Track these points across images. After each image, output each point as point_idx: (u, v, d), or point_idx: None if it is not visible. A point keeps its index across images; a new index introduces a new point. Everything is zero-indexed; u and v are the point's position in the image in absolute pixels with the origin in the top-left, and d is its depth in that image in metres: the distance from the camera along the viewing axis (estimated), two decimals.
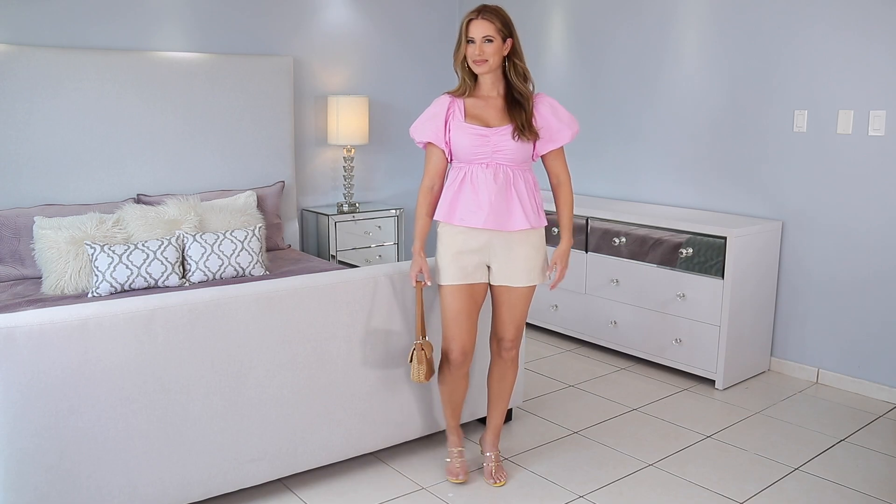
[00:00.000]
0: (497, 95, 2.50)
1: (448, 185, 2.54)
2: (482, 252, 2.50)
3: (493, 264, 2.53)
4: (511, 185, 2.47)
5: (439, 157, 2.54)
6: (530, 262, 2.53)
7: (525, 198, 2.48)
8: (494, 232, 2.47)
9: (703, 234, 3.59)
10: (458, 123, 2.47)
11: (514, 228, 2.47)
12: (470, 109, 2.49)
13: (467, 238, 2.48)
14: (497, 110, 2.48)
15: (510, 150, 2.44)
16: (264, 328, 2.40)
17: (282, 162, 4.45)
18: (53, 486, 2.10)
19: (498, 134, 2.44)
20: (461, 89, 2.50)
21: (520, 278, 2.53)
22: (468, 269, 2.50)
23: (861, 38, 3.37)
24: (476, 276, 2.52)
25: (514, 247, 2.50)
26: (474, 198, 2.45)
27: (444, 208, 2.51)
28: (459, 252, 2.49)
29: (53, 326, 2.05)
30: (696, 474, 2.76)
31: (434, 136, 2.51)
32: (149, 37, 4.04)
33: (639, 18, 4.28)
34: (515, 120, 2.44)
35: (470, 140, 2.44)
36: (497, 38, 2.41)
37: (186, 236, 3.48)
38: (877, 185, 3.39)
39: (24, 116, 3.62)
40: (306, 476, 2.68)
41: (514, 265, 2.51)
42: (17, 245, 3.51)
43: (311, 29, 4.64)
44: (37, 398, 2.04)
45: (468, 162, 2.48)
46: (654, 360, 3.87)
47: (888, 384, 3.46)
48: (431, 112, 2.53)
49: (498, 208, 2.44)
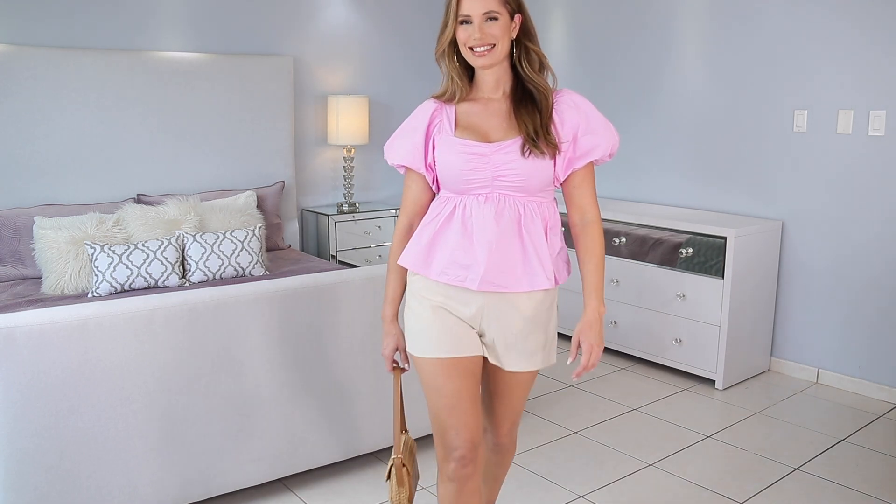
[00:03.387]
0: (502, 96, 1.78)
1: (428, 219, 1.79)
2: (472, 319, 1.77)
3: (486, 333, 1.78)
4: (520, 225, 1.72)
5: (421, 186, 1.83)
6: (537, 335, 1.79)
7: (541, 244, 1.73)
8: (492, 293, 1.74)
9: (703, 234, 3.59)
10: (445, 139, 1.76)
11: (525, 289, 1.73)
12: (463, 118, 1.77)
13: (452, 299, 1.76)
14: (501, 118, 1.76)
15: (519, 172, 1.70)
16: (264, 328, 2.40)
17: (282, 162, 4.45)
18: (53, 485, 2.10)
19: (501, 151, 1.71)
20: (449, 92, 1.79)
21: (521, 360, 1.78)
22: (457, 333, 1.76)
23: (861, 38, 3.37)
24: (469, 347, 1.77)
25: (514, 312, 1.75)
26: (465, 243, 1.72)
27: (418, 252, 1.77)
28: (442, 308, 1.76)
29: (53, 326, 2.05)
30: (696, 474, 2.76)
31: (412, 158, 1.81)
32: (149, 37, 4.04)
33: (639, 18, 4.28)
34: (526, 125, 1.71)
35: (462, 161, 1.72)
36: (503, 13, 1.69)
37: (186, 236, 3.48)
38: (877, 184, 3.39)
39: (24, 116, 3.62)
40: (306, 476, 2.68)
41: (514, 339, 1.77)
42: (18, 245, 3.51)
43: (311, 29, 4.64)
44: (37, 398, 2.04)
45: (460, 191, 1.75)
46: (654, 360, 3.87)
47: (888, 384, 3.46)
48: (410, 125, 1.84)
49: (501, 261, 1.71)
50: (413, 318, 1.80)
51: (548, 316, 1.80)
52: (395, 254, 1.85)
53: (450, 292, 1.75)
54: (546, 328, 1.81)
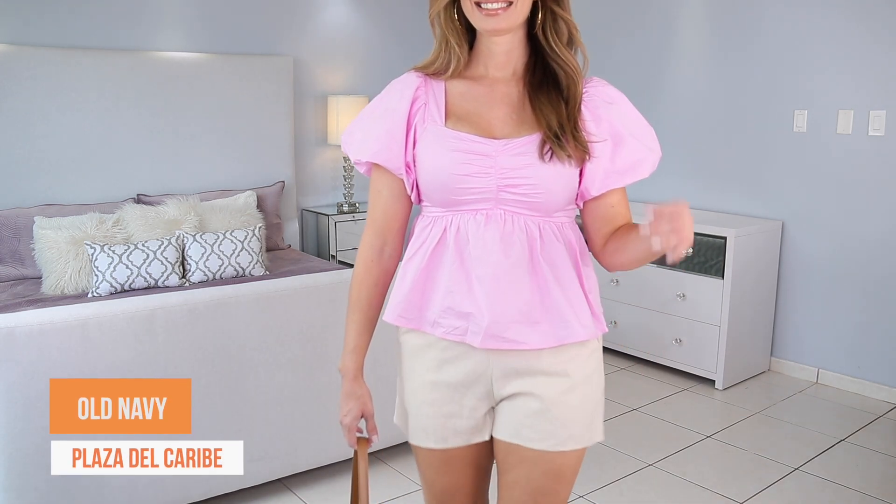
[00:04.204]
0: (511, 77, 1.31)
1: (411, 251, 1.33)
2: (482, 381, 1.31)
3: (503, 403, 1.32)
4: (535, 255, 1.26)
5: (395, 192, 1.34)
6: (574, 405, 1.30)
7: (569, 279, 1.28)
8: (505, 351, 1.28)
9: (703, 233, 3.59)
10: (431, 129, 1.28)
11: (549, 344, 1.26)
12: (456, 103, 1.30)
13: (453, 357, 1.31)
14: (510, 106, 1.29)
15: (536, 182, 1.24)
16: (264, 328, 2.40)
17: (282, 162, 4.45)
18: (54, 485, 2.10)
19: (511, 151, 1.24)
20: (441, 61, 1.32)
21: (556, 435, 1.29)
22: (454, 413, 1.32)
23: (861, 38, 3.37)
24: (471, 432, 1.34)
25: (540, 377, 1.29)
26: (460, 280, 1.26)
27: (404, 299, 1.32)
28: (441, 383, 1.32)
29: (53, 326, 2.05)
30: (696, 474, 2.76)
31: (385, 153, 1.31)
32: (149, 37, 4.04)
33: (639, 18, 4.28)
34: (548, 118, 1.26)
35: (455, 162, 1.25)
36: None
37: (186, 236, 3.48)
38: (877, 184, 3.39)
39: (24, 116, 3.62)
40: (306, 476, 2.68)
41: (544, 409, 1.28)
42: (18, 245, 3.51)
43: (311, 29, 4.64)
44: (37, 398, 2.04)
45: (450, 206, 1.27)
46: (653, 360, 3.87)
47: (888, 384, 3.46)
48: (382, 105, 1.35)
49: (511, 306, 1.25)
50: (407, 392, 1.37)
51: (589, 377, 1.32)
52: (359, 287, 1.38)
53: (447, 352, 1.30)
54: (588, 395, 1.32)
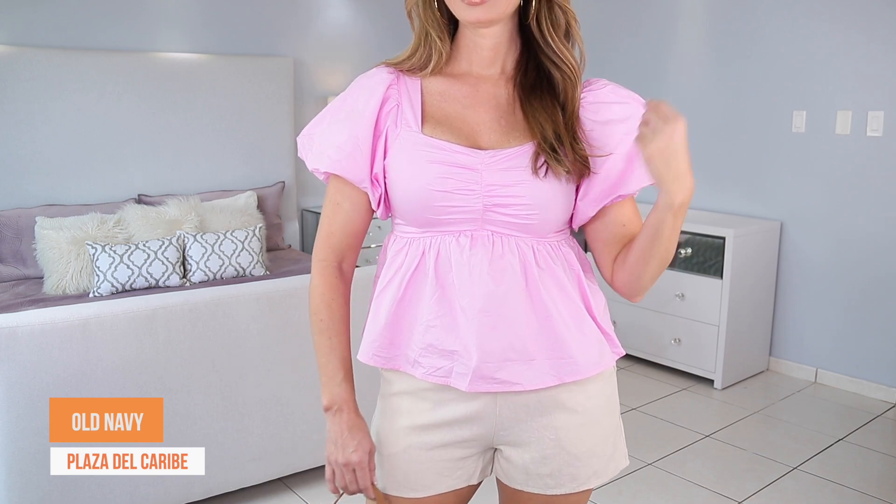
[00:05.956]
0: (499, 75, 1.15)
1: (384, 282, 1.19)
2: (479, 421, 1.14)
3: (506, 447, 1.17)
4: (528, 280, 1.10)
5: (357, 205, 1.16)
6: (596, 436, 1.17)
7: (571, 305, 1.12)
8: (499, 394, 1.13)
9: (702, 234, 3.60)
10: (406, 136, 1.10)
11: (550, 383, 1.11)
12: (434, 105, 1.13)
13: (449, 400, 1.15)
14: (497, 109, 1.12)
15: (529, 200, 1.08)
16: (264, 328, 2.41)
17: (282, 162, 4.46)
18: (55, 485, 2.11)
19: (500, 163, 1.08)
20: (419, 57, 1.15)
21: (577, 478, 1.15)
22: (452, 458, 1.16)
23: (860, 38, 3.38)
24: (468, 474, 1.19)
25: (558, 410, 1.14)
26: (443, 313, 1.10)
27: (379, 336, 1.20)
28: (430, 427, 1.16)
29: (55, 326, 2.06)
30: (696, 474, 2.77)
31: (348, 162, 1.12)
32: (150, 38, 4.05)
33: (638, 19, 4.28)
34: (542, 125, 1.09)
35: (433, 176, 1.08)
36: None
37: (187, 236, 3.49)
38: (875, 185, 3.40)
39: (25, 117, 3.63)
40: (306, 475, 2.69)
41: (561, 450, 1.14)
42: (19, 245, 3.52)
43: (311, 29, 4.64)
44: (38, 398, 2.05)
45: (428, 226, 1.11)
46: (653, 359, 3.88)
47: (886, 384, 3.46)
48: (346, 105, 1.14)
49: (503, 342, 1.08)
50: (385, 436, 1.21)
51: (602, 411, 1.16)
52: (329, 308, 1.25)
53: (443, 393, 1.13)
54: (609, 423, 1.17)
